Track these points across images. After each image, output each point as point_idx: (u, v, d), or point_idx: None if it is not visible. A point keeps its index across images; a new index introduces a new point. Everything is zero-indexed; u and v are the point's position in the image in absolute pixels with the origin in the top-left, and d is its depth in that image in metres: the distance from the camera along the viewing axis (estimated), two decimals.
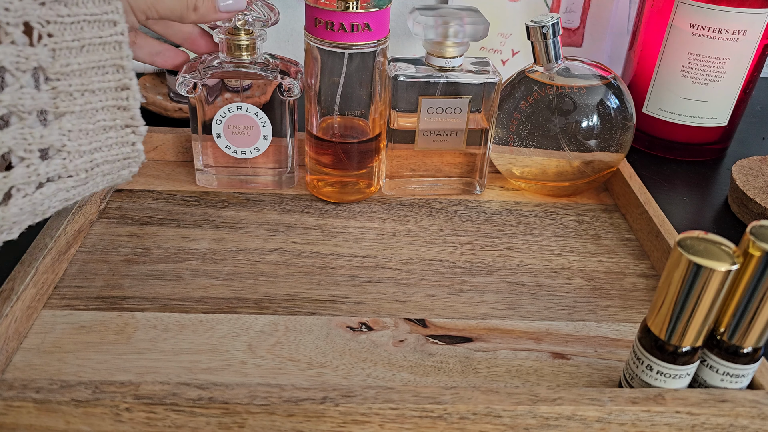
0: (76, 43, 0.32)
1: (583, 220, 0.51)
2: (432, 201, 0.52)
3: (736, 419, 0.32)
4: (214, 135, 0.49)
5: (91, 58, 0.33)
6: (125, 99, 0.34)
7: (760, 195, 0.51)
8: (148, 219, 0.48)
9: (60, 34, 0.32)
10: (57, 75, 0.32)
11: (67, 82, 0.32)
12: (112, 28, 0.33)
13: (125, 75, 0.34)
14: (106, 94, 0.34)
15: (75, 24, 0.32)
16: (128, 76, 0.34)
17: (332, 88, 0.47)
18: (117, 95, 0.34)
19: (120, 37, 0.33)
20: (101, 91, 0.33)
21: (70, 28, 0.32)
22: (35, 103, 0.31)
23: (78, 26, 0.32)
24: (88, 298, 0.40)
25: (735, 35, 0.55)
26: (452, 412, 0.31)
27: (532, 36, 0.49)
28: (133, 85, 0.34)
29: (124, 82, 0.34)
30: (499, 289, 0.43)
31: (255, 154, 0.50)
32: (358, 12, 0.43)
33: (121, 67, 0.34)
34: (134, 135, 0.35)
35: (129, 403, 0.30)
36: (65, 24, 0.32)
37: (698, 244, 0.30)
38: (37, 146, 0.32)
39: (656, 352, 0.32)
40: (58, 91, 0.32)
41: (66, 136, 0.32)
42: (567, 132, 0.49)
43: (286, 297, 0.41)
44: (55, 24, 0.31)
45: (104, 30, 0.33)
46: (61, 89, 0.32)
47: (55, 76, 0.32)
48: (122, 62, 0.34)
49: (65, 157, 0.33)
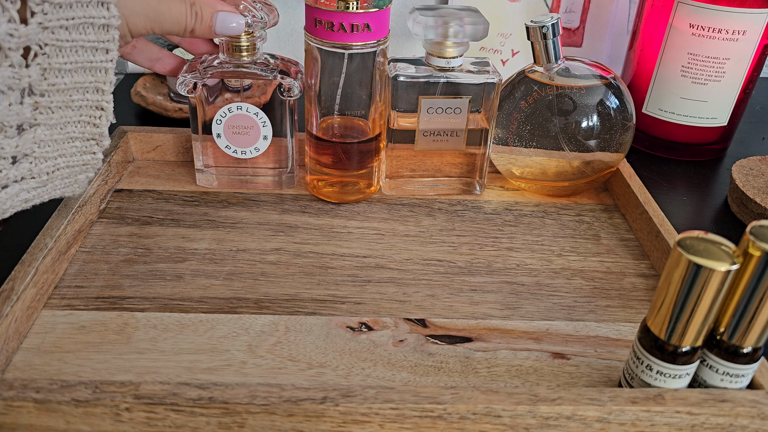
0: (68, 66, 0.33)
1: (583, 220, 0.51)
2: (432, 201, 0.52)
3: (736, 419, 0.32)
4: (215, 135, 0.49)
5: (77, 79, 0.34)
6: (98, 118, 0.36)
7: (759, 195, 0.51)
8: (148, 219, 0.48)
9: (55, 56, 0.33)
10: (42, 92, 0.33)
11: (50, 99, 0.33)
12: (104, 54, 0.34)
13: (104, 97, 0.35)
14: (81, 110, 0.35)
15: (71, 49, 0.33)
16: (106, 99, 0.35)
17: (332, 88, 0.47)
18: (91, 113, 0.35)
19: (108, 64, 0.35)
20: (78, 108, 0.35)
21: (65, 52, 0.33)
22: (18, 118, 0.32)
23: (73, 50, 0.33)
24: (89, 298, 0.40)
25: (735, 35, 0.55)
26: (452, 411, 0.31)
27: (531, 36, 0.49)
28: (108, 108, 0.36)
29: (101, 103, 0.35)
30: (499, 289, 0.43)
31: (255, 154, 0.50)
32: (358, 12, 0.43)
33: (102, 90, 0.35)
34: (97, 146, 0.36)
35: (129, 403, 0.30)
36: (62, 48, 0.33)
37: (698, 244, 0.30)
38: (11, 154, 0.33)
39: (656, 352, 0.32)
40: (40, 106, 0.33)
41: (37, 144, 0.34)
42: (567, 132, 0.49)
43: (286, 297, 0.41)
44: (52, 47, 0.32)
45: (96, 56, 0.34)
46: (43, 104, 0.33)
47: (40, 92, 0.33)
48: (104, 86, 0.35)
49: (32, 161, 0.34)
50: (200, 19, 0.40)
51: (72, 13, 0.32)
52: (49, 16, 0.32)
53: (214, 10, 0.40)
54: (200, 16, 0.40)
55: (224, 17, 0.41)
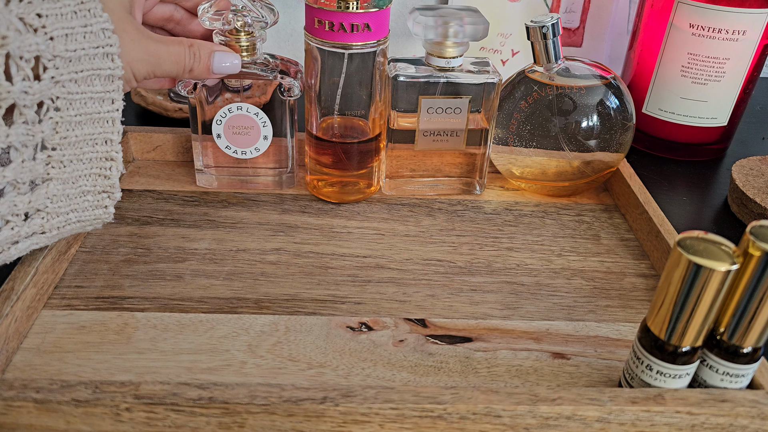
0: (78, 118, 0.34)
1: (583, 220, 0.51)
2: (432, 201, 0.52)
3: (736, 419, 0.32)
4: (215, 135, 0.49)
5: (86, 131, 0.35)
6: (108, 169, 0.36)
7: (759, 195, 0.51)
8: (148, 219, 0.48)
9: (66, 109, 0.34)
10: (54, 145, 0.34)
11: (62, 152, 0.34)
12: (110, 105, 0.35)
13: (113, 148, 0.36)
14: (92, 163, 0.36)
15: (81, 101, 0.34)
16: (115, 149, 0.36)
17: (332, 88, 0.47)
18: (102, 165, 0.36)
19: (115, 114, 0.35)
20: (89, 161, 0.35)
21: (75, 104, 0.34)
22: (31, 174, 0.33)
23: (83, 102, 0.34)
24: (89, 298, 0.40)
25: (735, 35, 0.55)
26: (452, 411, 0.31)
27: (531, 36, 0.49)
28: (118, 158, 0.36)
29: (111, 154, 0.36)
30: (499, 289, 0.43)
31: (255, 155, 0.50)
32: (358, 12, 0.43)
33: (111, 140, 0.36)
34: (109, 199, 0.37)
35: (129, 403, 0.30)
36: (73, 100, 0.34)
37: (698, 244, 0.30)
38: (23, 210, 0.33)
39: (656, 351, 0.32)
40: (52, 160, 0.34)
41: (50, 200, 0.34)
42: (567, 132, 0.49)
43: (286, 297, 0.41)
44: (63, 99, 0.33)
45: (104, 106, 0.35)
46: (55, 158, 0.34)
47: (52, 147, 0.34)
48: (112, 136, 0.36)
49: (44, 217, 0.35)
50: (198, 60, 0.41)
51: (81, 66, 0.33)
52: (60, 71, 0.33)
53: (212, 51, 0.42)
54: (198, 56, 0.41)
55: (221, 57, 0.42)
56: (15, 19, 0.31)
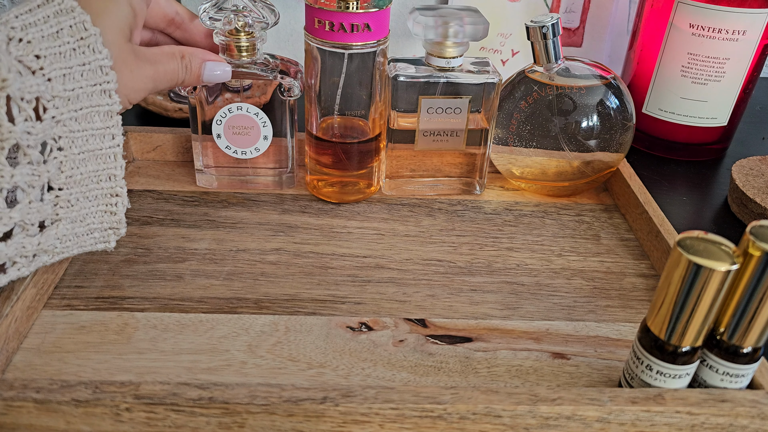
0: (81, 156, 0.34)
1: (583, 220, 0.51)
2: (432, 201, 0.52)
3: (736, 419, 0.32)
4: (215, 135, 0.49)
5: (91, 168, 0.35)
6: (114, 205, 0.36)
7: (759, 195, 0.51)
8: (148, 219, 0.48)
9: (68, 148, 0.34)
10: (60, 185, 0.34)
11: (69, 192, 0.34)
12: (111, 140, 0.35)
13: (117, 183, 0.36)
14: (98, 200, 0.36)
15: (82, 138, 0.34)
16: (120, 185, 0.36)
17: (332, 88, 0.47)
18: (108, 201, 0.36)
19: (117, 149, 0.36)
20: (95, 197, 0.35)
21: (77, 142, 0.34)
22: (39, 216, 0.33)
23: (84, 139, 0.34)
24: (88, 298, 0.40)
25: (735, 35, 0.55)
26: (452, 412, 0.31)
27: (531, 36, 0.49)
28: (123, 193, 0.36)
29: (116, 189, 0.36)
30: (499, 289, 0.43)
31: (255, 155, 0.50)
32: (358, 12, 0.43)
33: (114, 176, 0.36)
34: (114, 235, 0.37)
35: (129, 403, 0.30)
36: (75, 138, 0.34)
37: (698, 244, 0.30)
38: (32, 253, 0.33)
39: (656, 351, 0.32)
40: (60, 200, 0.34)
41: (59, 240, 0.34)
42: (567, 132, 0.49)
43: (286, 297, 0.41)
44: (66, 138, 0.33)
45: (105, 142, 0.35)
46: (63, 198, 0.34)
47: (59, 186, 0.34)
48: (115, 171, 0.36)
49: (51, 255, 0.35)
50: (189, 71, 0.41)
51: (80, 104, 0.33)
52: (60, 110, 0.33)
53: (203, 61, 0.42)
54: (189, 68, 0.41)
55: (211, 66, 0.43)
56: (14, 61, 0.31)
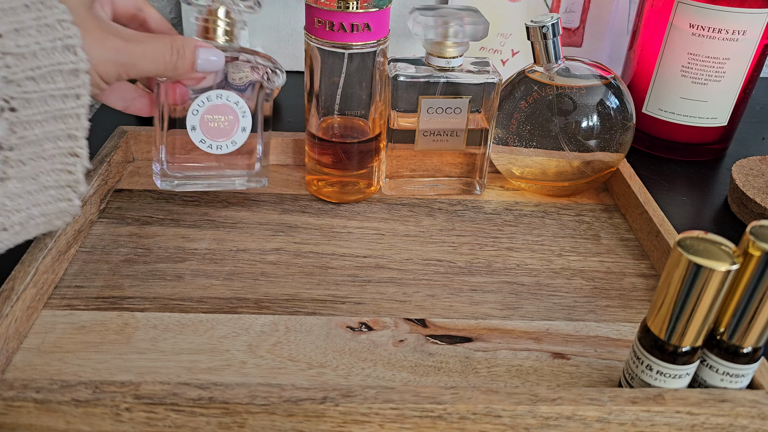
0: (37, 117, 0.32)
1: (583, 220, 0.51)
2: (432, 201, 0.52)
3: (736, 419, 0.32)
4: (189, 127, 0.45)
5: (47, 129, 0.32)
6: (72, 165, 0.34)
7: (759, 195, 0.51)
8: (148, 219, 0.48)
9: (23, 109, 0.31)
10: (11, 146, 0.31)
11: (20, 152, 0.32)
12: (75, 101, 0.33)
13: (77, 143, 0.33)
14: (54, 159, 0.33)
15: (40, 99, 0.31)
16: (80, 145, 0.33)
17: (332, 88, 0.47)
18: (65, 160, 0.33)
19: (81, 110, 0.33)
20: (50, 157, 0.33)
21: (34, 104, 0.31)
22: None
23: (42, 101, 0.31)
24: (89, 298, 0.40)
25: (735, 35, 0.55)
26: (452, 412, 0.31)
27: (531, 36, 0.49)
28: (83, 154, 0.34)
29: (75, 150, 0.33)
30: (499, 289, 0.43)
31: (231, 149, 0.46)
32: (358, 12, 0.43)
33: (75, 136, 0.33)
34: (73, 192, 0.34)
35: (129, 403, 0.30)
36: (30, 99, 0.31)
37: (698, 244, 0.30)
38: None
39: (656, 351, 0.32)
40: (9, 160, 0.31)
41: (8, 198, 0.32)
42: (567, 132, 0.49)
43: (286, 297, 0.41)
44: (20, 100, 0.31)
45: (67, 103, 0.32)
46: (13, 158, 0.32)
47: (9, 147, 0.31)
48: (77, 132, 0.33)
49: (3, 215, 0.32)
50: (183, 56, 0.38)
51: (37, 62, 0.31)
52: (13, 69, 0.30)
53: (196, 46, 0.40)
54: (182, 53, 0.38)
55: (206, 52, 0.40)
56: None
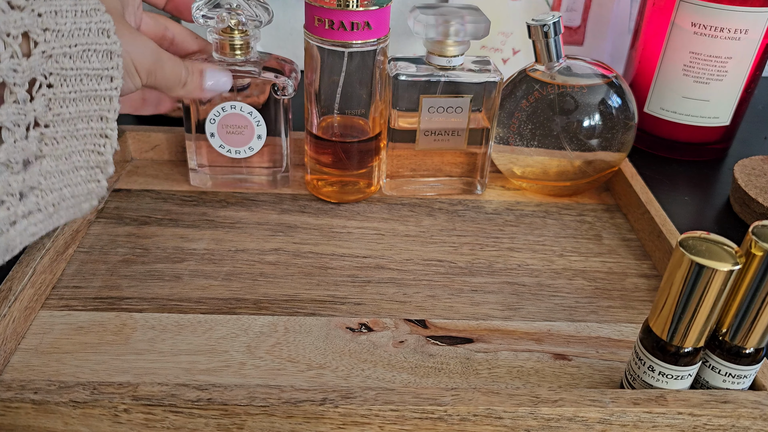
0: (72, 95, 0.33)
1: (585, 220, 0.51)
2: (432, 201, 0.52)
3: (738, 420, 0.31)
4: (208, 134, 0.49)
5: (81, 108, 0.34)
6: (102, 146, 0.35)
7: (762, 195, 0.51)
8: (146, 219, 0.48)
9: (59, 86, 0.32)
10: (47, 123, 0.33)
11: (55, 129, 0.33)
12: (108, 83, 0.34)
13: (108, 125, 0.35)
14: (86, 139, 0.34)
15: (76, 77, 0.33)
16: (111, 126, 0.35)
17: (332, 87, 0.46)
18: (96, 141, 0.35)
19: (113, 92, 0.34)
20: (83, 137, 0.34)
21: (69, 81, 0.33)
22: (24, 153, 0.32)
23: (78, 79, 0.33)
24: (86, 299, 0.40)
25: (737, 34, 0.55)
26: (453, 413, 0.31)
27: (533, 35, 0.49)
28: (113, 135, 0.35)
29: (106, 131, 0.35)
30: (500, 289, 0.43)
31: (249, 154, 0.50)
32: (358, 10, 0.43)
33: (107, 118, 0.35)
34: (102, 174, 0.36)
35: (127, 404, 0.30)
36: (67, 77, 0.32)
37: (700, 244, 0.30)
38: (18, 190, 0.32)
39: (658, 352, 0.32)
40: (45, 137, 0.33)
41: (43, 176, 0.33)
42: (568, 131, 0.49)
43: (286, 297, 0.41)
44: (57, 75, 0.32)
45: (101, 84, 0.34)
46: (48, 135, 0.33)
47: (45, 124, 0.33)
48: (108, 114, 0.34)
49: (38, 194, 0.34)
50: (192, 74, 0.41)
51: (74, 41, 0.32)
52: (51, 44, 0.32)
53: (202, 69, 0.42)
54: (192, 71, 0.41)
55: (213, 74, 0.42)
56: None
